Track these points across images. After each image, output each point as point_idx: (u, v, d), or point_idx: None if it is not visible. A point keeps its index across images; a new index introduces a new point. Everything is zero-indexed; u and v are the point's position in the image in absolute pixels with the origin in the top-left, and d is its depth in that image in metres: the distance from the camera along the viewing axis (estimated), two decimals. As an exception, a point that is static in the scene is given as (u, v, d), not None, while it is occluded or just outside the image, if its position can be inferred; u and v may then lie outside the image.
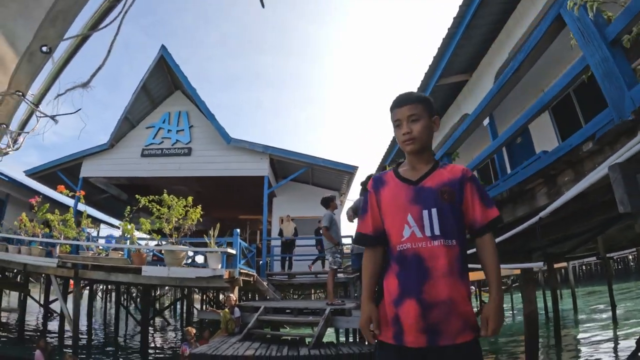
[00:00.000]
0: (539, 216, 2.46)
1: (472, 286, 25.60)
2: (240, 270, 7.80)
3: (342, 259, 6.98)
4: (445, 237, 1.35)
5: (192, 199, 8.13)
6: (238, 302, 7.15)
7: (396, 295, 1.37)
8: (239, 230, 8.26)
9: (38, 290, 15.75)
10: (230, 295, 6.90)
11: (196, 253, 9.00)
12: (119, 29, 1.63)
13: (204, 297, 20.54)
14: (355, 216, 5.88)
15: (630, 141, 1.67)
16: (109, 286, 23.36)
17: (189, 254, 8.37)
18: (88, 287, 14.28)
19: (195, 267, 7.97)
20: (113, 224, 16.86)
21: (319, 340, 5.25)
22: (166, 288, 23.23)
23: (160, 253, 8.51)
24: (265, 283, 8.98)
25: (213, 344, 5.37)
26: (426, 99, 1.51)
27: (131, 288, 17.40)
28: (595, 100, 2.11)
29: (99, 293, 26.48)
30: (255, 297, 12.30)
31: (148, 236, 8.50)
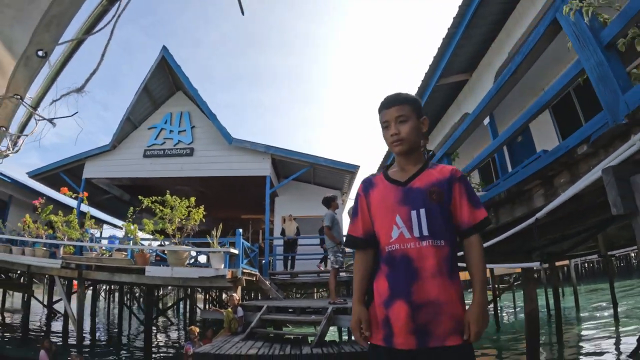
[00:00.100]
0: (536, 217, 2.50)
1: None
2: (243, 270, 7.84)
3: (344, 258, 7.02)
4: (433, 238, 1.33)
5: (195, 199, 8.17)
6: (241, 302, 7.18)
7: (386, 296, 1.36)
8: (241, 230, 8.30)
9: (41, 291, 15.80)
10: (233, 294, 6.94)
11: (199, 253, 9.04)
12: (111, 33, 1.63)
13: (207, 297, 20.59)
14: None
15: (623, 145, 1.71)
16: (112, 286, 23.44)
17: (191, 254, 8.42)
18: (91, 288, 14.34)
19: (198, 267, 8.02)
20: (116, 224, 16.94)
21: (321, 339, 5.28)
22: (169, 288, 23.28)
23: (164, 253, 8.55)
24: (267, 282, 9.02)
25: (216, 343, 5.41)
26: (414, 100, 1.50)
27: (134, 288, 17.47)
28: (595, 99, 2.14)
29: (102, 293, 26.56)
30: (258, 297, 12.37)
31: (151, 236, 8.54)
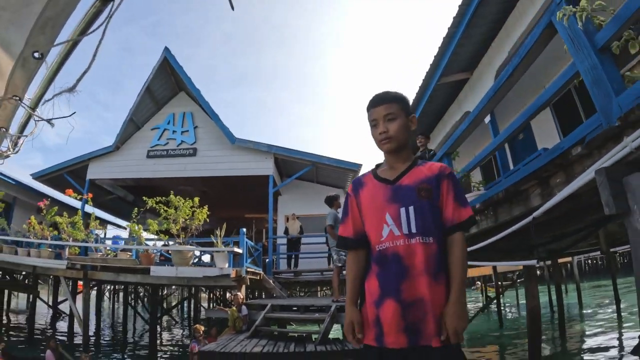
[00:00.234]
0: (533, 216, 2.55)
1: (478, 281, 25.25)
2: (247, 269, 7.91)
3: (347, 256, 7.06)
4: (422, 235, 1.32)
5: (198, 199, 8.23)
6: (245, 300, 7.26)
7: (377, 296, 1.35)
8: (245, 229, 8.37)
9: (46, 291, 15.91)
10: (238, 293, 7.01)
11: (203, 253, 9.11)
12: (103, 33, 1.65)
13: (211, 296, 20.70)
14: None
15: (615, 147, 1.76)
16: (117, 286, 23.60)
17: (196, 254, 8.49)
18: (96, 288, 14.44)
19: (203, 267, 8.07)
20: (120, 224, 17.05)
21: (325, 337, 5.34)
22: (173, 287, 23.42)
23: (168, 253, 8.64)
24: (271, 281, 9.09)
25: (221, 342, 5.49)
26: (402, 98, 1.49)
27: (139, 288, 17.60)
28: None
29: (107, 293, 26.72)
30: (262, 295, 12.44)
31: (155, 237, 8.61)
